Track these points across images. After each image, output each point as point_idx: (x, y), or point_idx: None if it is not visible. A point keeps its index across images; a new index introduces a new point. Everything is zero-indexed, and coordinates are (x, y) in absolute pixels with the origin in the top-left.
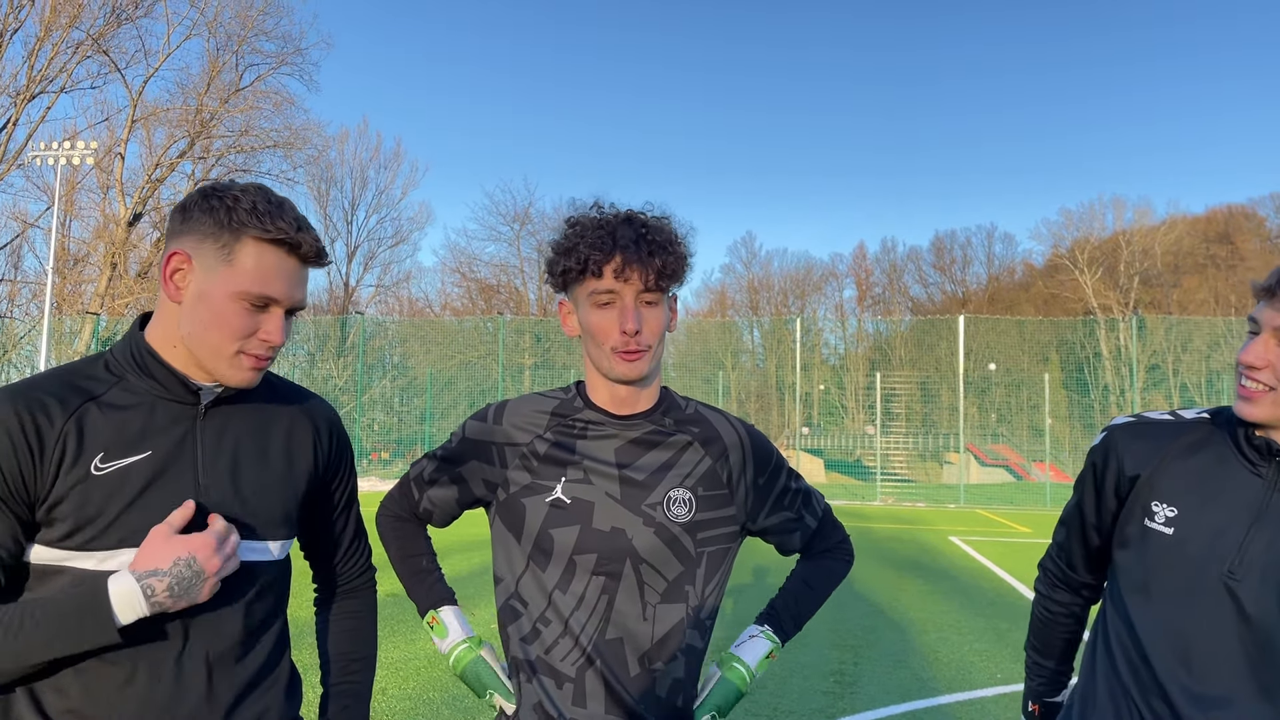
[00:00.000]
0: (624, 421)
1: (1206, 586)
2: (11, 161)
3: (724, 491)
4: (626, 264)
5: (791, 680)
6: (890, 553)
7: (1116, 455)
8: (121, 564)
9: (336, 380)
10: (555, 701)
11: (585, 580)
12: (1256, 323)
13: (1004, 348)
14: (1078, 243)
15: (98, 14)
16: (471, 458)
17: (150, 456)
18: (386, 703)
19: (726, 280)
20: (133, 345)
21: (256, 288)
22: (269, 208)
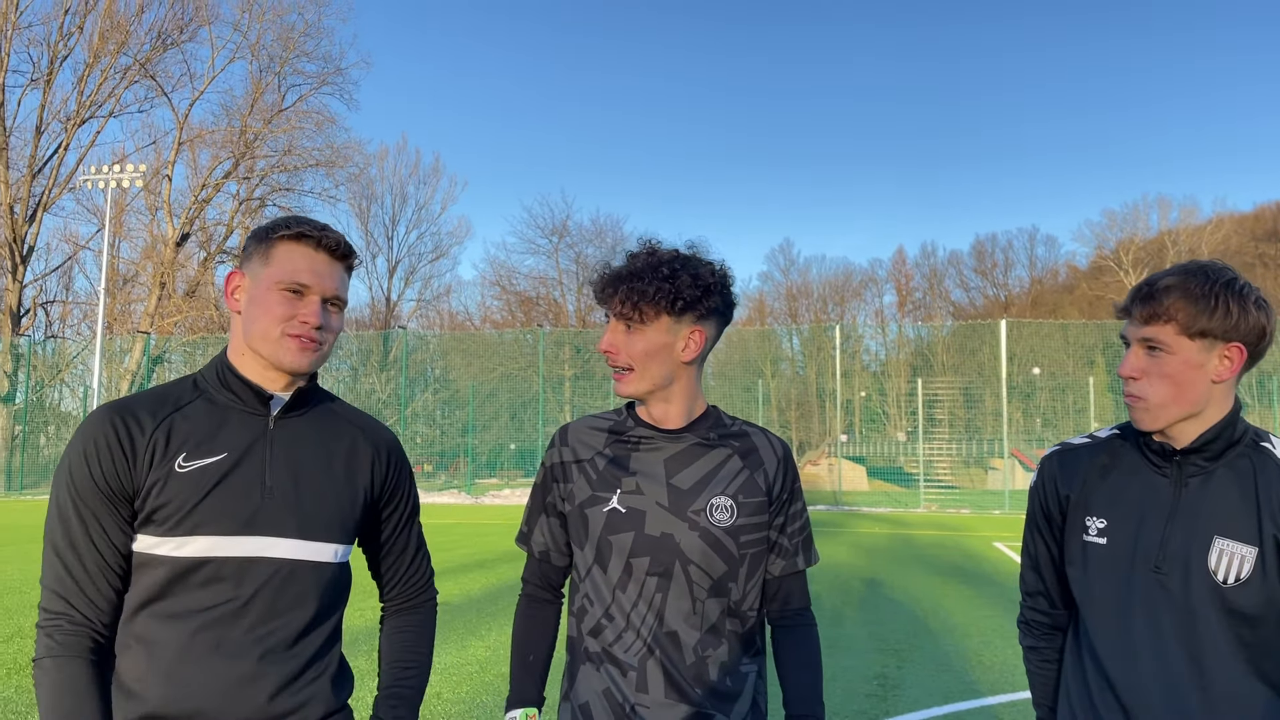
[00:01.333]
0: (671, 435)
1: (1140, 583)
2: (63, 185)
3: (762, 499)
4: (606, 292)
5: (835, 684)
6: (933, 559)
7: (1051, 481)
8: (192, 551)
9: (380, 394)
10: (621, 688)
11: (641, 580)
12: (1126, 339)
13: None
14: (1122, 243)
15: (144, 40)
16: (552, 481)
17: (225, 458)
18: (441, 706)
19: (765, 288)
20: (217, 364)
21: (289, 276)
22: (295, 219)
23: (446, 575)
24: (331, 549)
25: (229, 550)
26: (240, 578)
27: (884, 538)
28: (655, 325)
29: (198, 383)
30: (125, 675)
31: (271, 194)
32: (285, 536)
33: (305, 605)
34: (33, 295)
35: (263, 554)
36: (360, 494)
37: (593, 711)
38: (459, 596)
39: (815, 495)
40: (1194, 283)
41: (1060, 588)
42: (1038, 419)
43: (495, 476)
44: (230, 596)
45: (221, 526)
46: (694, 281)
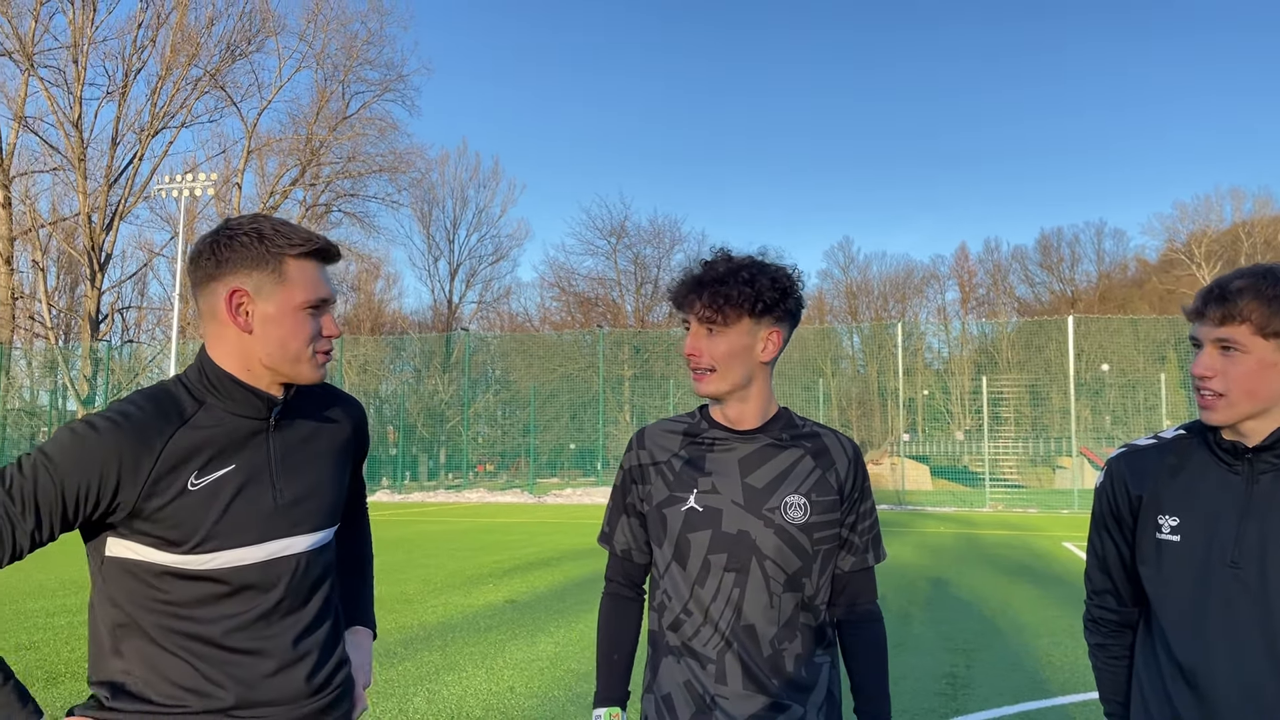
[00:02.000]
0: (745, 436)
1: (1216, 579)
2: (138, 195)
3: (834, 497)
4: (692, 299)
5: (903, 682)
6: (1000, 559)
7: (1121, 482)
8: (218, 564)
9: (442, 395)
10: (701, 679)
11: (719, 576)
12: (1197, 340)
13: (1117, 347)
14: (1194, 236)
15: (214, 51)
16: (632, 483)
17: (235, 469)
18: (514, 700)
19: (824, 286)
20: (207, 372)
21: (313, 296)
22: (288, 229)
23: (514, 573)
24: (331, 531)
25: (252, 558)
26: (265, 582)
27: (949, 537)
28: (737, 327)
29: (191, 391)
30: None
31: (336, 200)
32: (299, 534)
33: (321, 587)
34: (110, 301)
35: (282, 554)
36: (347, 471)
37: (675, 702)
38: (527, 594)
39: (878, 495)
40: (1266, 284)
41: (1129, 586)
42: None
43: (556, 476)
44: (260, 600)
45: (244, 538)
46: (773, 285)
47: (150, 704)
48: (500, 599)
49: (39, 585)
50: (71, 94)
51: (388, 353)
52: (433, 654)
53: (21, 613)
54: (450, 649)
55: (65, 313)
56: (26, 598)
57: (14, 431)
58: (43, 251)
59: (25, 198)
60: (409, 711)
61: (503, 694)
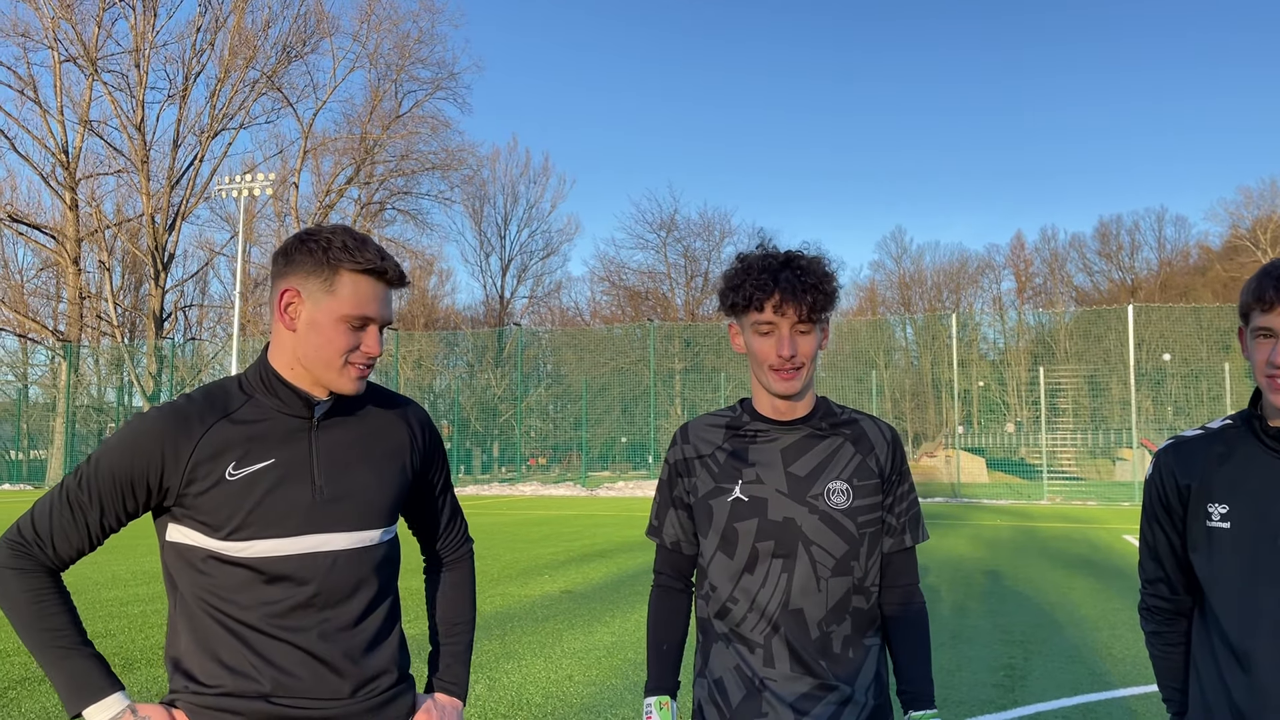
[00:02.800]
0: (786, 426)
1: (1266, 562)
2: (199, 195)
3: (875, 481)
4: (784, 301)
5: (960, 674)
6: (1058, 552)
7: (1170, 473)
8: (255, 553)
9: (495, 390)
10: (750, 663)
11: (767, 563)
12: (1270, 329)
13: (1179, 336)
14: (1259, 222)
15: (270, 53)
16: (678, 477)
17: (274, 463)
18: (572, 688)
19: (876, 277)
20: (261, 369)
21: (357, 310)
22: (356, 244)
23: (569, 565)
24: (379, 533)
25: (289, 550)
26: (300, 575)
27: (1006, 530)
28: (818, 326)
29: (243, 386)
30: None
31: (390, 198)
32: (338, 531)
33: (364, 587)
34: (173, 300)
35: (319, 549)
36: (404, 474)
37: (726, 686)
38: (582, 585)
39: (933, 487)
40: None
41: (1181, 574)
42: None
43: (608, 469)
44: (295, 591)
45: (281, 529)
46: (835, 284)
47: (196, 682)
48: (556, 590)
49: (113, 575)
50: (134, 98)
51: (441, 348)
52: (492, 643)
53: (98, 602)
54: (509, 638)
55: (130, 311)
56: (101, 588)
57: (82, 427)
58: (108, 252)
59: (91, 200)
60: (470, 699)
61: (561, 682)
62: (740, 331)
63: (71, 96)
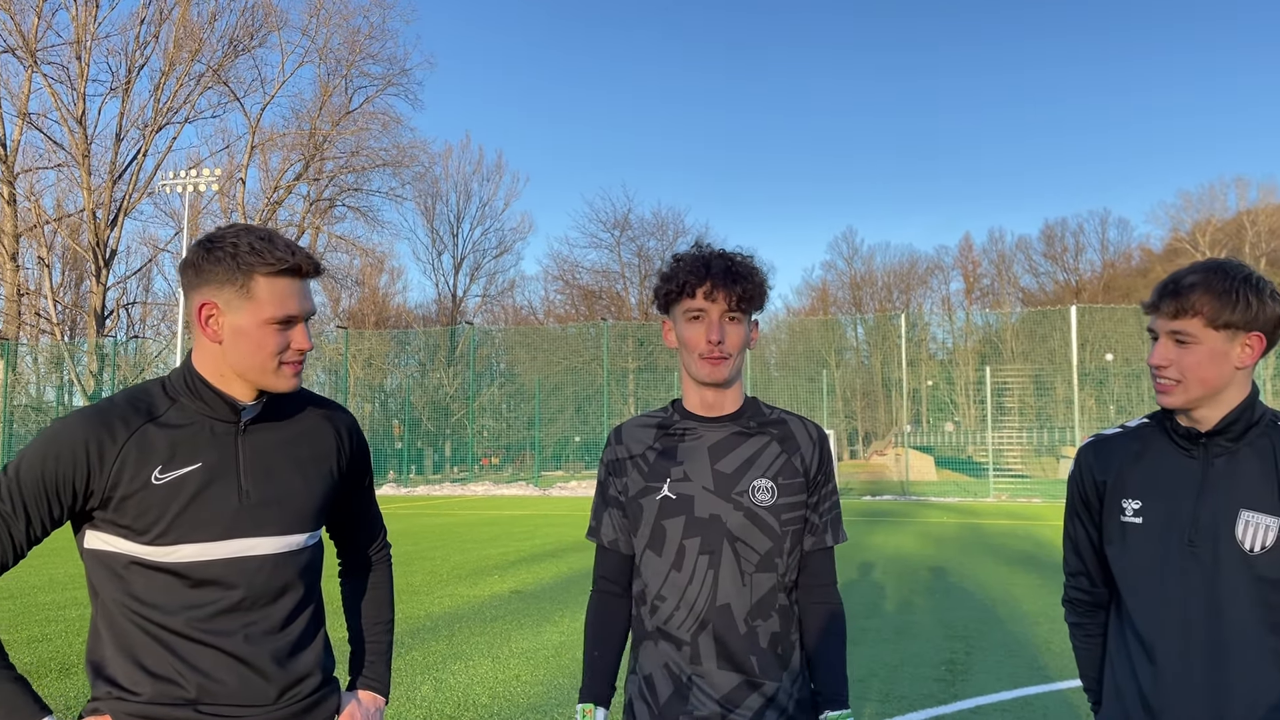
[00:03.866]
0: (714, 423)
1: (1174, 557)
2: (142, 191)
3: (800, 480)
4: (715, 288)
5: (903, 669)
6: (1002, 548)
7: (1089, 469)
8: (180, 558)
9: (447, 389)
10: (677, 661)
11: (694, 560)
12: (1154, 332)
13: (1122, 337)
14: (1198, 225)
15: (217, 47)
16: (611, 477)
17: (200, 468)
18: (520, 688)
19: (828, 277)
20: (186, 373)
21: (280, 312)
22: (264, 245)
23: (519, 565)
24: (304, 537)
25: (215, 554)
26: (227, 579)
27: (953, 527)
28: (747, 318)
29: (167, 390)
30: (145, 660)
31: (340, 194)
32: (265, 535)
33: (290, 591)
34: (115, 297)
35: (245, 554)
36: (330, 479)
37: (655, 682)
38: (532, 585)
39: (883, 485)
40: (1216, 279)
41: (1100, 567)
42: (1111, 406)
43: (561, 469)
44: (220, 596)
45: (205, 534)
46: (764, 279)
47: (120, 688)
48: (506, 590)
49: (50, 579)
50: (75, 90)
51: (392, 347)
52: (439, 644)
53: (34, 606)
54: (457, 639)
55: (71, 309)
56: (38, 591)
57: (20, 428)
58: (48, 248)
59: (30, 194)
60: (416, 700)
61: (509, 682)
62: (673, 325)
63: (10, 89)
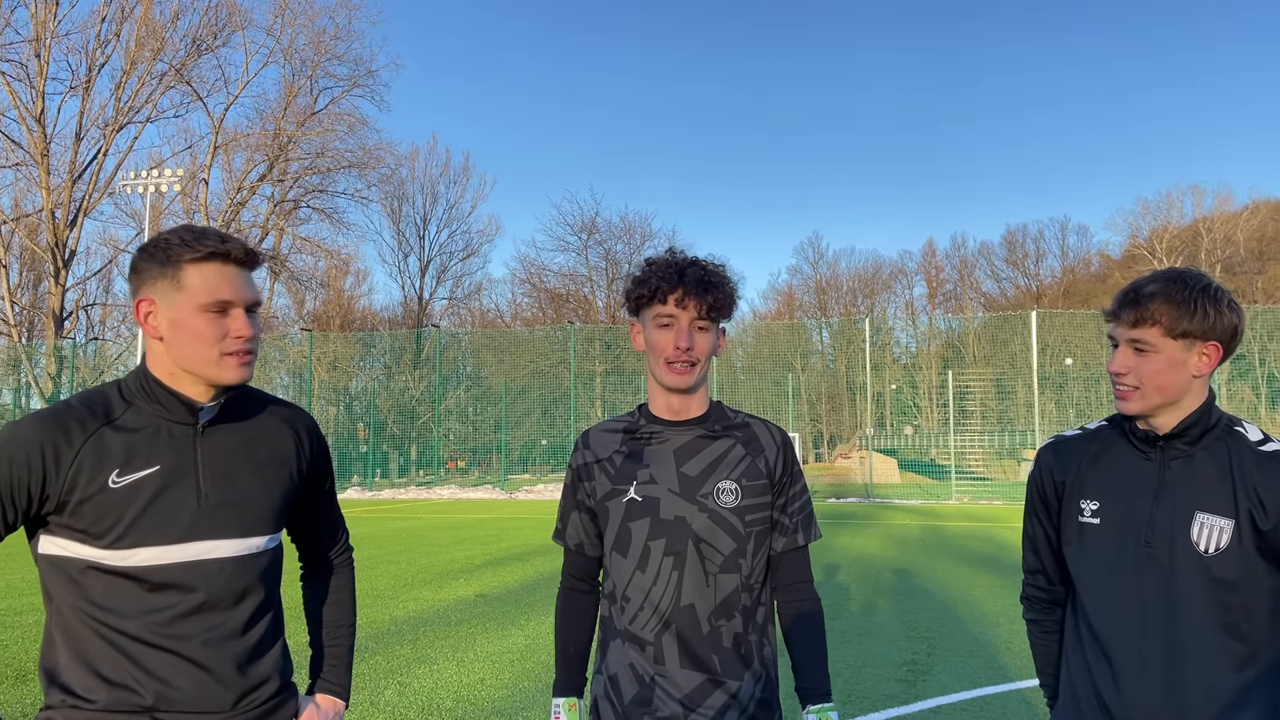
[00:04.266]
0: (680, 427)
1: (1130, 557)
2: (103, 191)
3: (764, 482)
4: (686, 295)
5: (866, 670)
6: (963, 550)
7: (1049, 470)
8: (138, 561)
9: (413, 392)
10: (641, 662)
11: (659, 561)
12: (1114, 339)
13: (1081, 341)
14: (1155, 232)
15: (179, 46)
16: (579, 481)
17: (159, 470)
18: (485, 692)
19: (794, 281)
20: (141, 377)
21: (211, 297)
22: (194, 236)
23: (484, 568)
24: (264, 540)
25: (174, 558)
26: (186, 582)
27: (915, 529)
28: (715, 327)
29: (124, 393)
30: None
31: (305, 196)
32: (224, 538)
33: (250, 595)
34: (75, 298)
35: (205, 556)
36: (290, 481)
37: (620, 682)
38: (498, 588)
39: (846, 488)
40: (1175, 289)
41: (1057, 566)
42: (1071, 410)
43: (528, 472)
44: (179, 599)
45: (164, 536)
46: (734, 289)
47: (74, 695)
48: (471, 593)
49: (5, 584)
50: (34, 88)
51: (358, 349)
52: (404, 648)
53: None
54: (421, 642)
55: (29, 310)
56: None
57: None
58: (5, 248)
59: None
60: (380, 704)
61: (473, 685)
62: (641, 329)
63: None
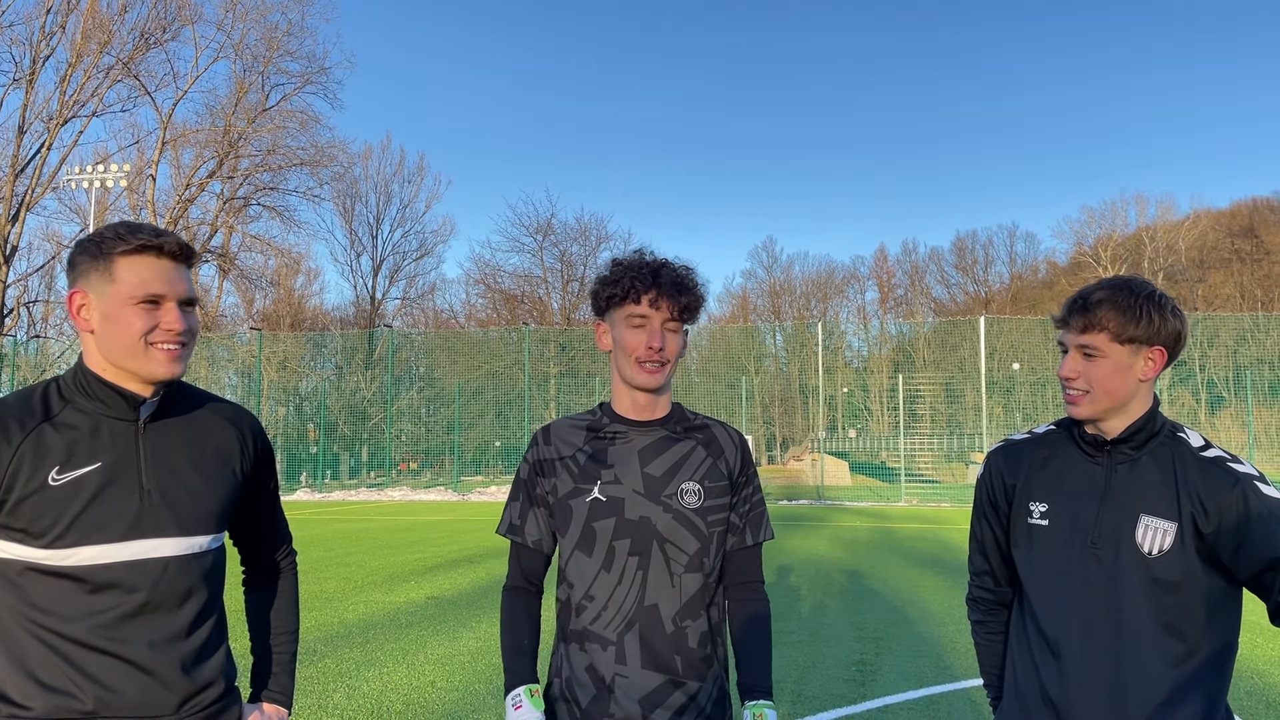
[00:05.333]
0: (643, 427)
1: (1077, 558)
2: (46, 185)
3: (725, 483)
4: (660, 297)
5: (815, 670)
6: (912, 551)
7: (997, 472)
8: (79, 561)
9: (365, 392)
10: (601, 662)
11: (623, 560)
12: (1064, 345)
13: (1028, 346)
14: (1100, 240)
15: (127, 39)
16: (539, 476)
17: (100, 467)
18: (435, 694)
19: (748, 285)
20: (79, 373)
21: (142, 290)
22: (128, 230)
23: (436, 571)
24: (208, 539)
25: (115, 556)
26: (129, 582)
27: (865, 531)
28: (681, 329)
29: (61, 391)
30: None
31: (256, 193)
32: (167, 536)
33: (194, 596)
34: (16, 295)
35: (148, 555)
36: (233, 480)
37: (575, 686)
38: (449, 591)
39: (798, 490)
40: (1121, 296)
41: (1005, 567)
42: (1018, 414)
43: (481, 474)
44: (122, 600)
45: (105, 535)
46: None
47: (11, 703)
48: (422, 596)
49: None
50: None
51: (308, 349)
52: (353, 650)
53: None
54: (371, 645)
55: None
56: None
57: None
58: None
59: None
60: (329, 707)
61: (423, 688)
62: (609, 329)
63: None
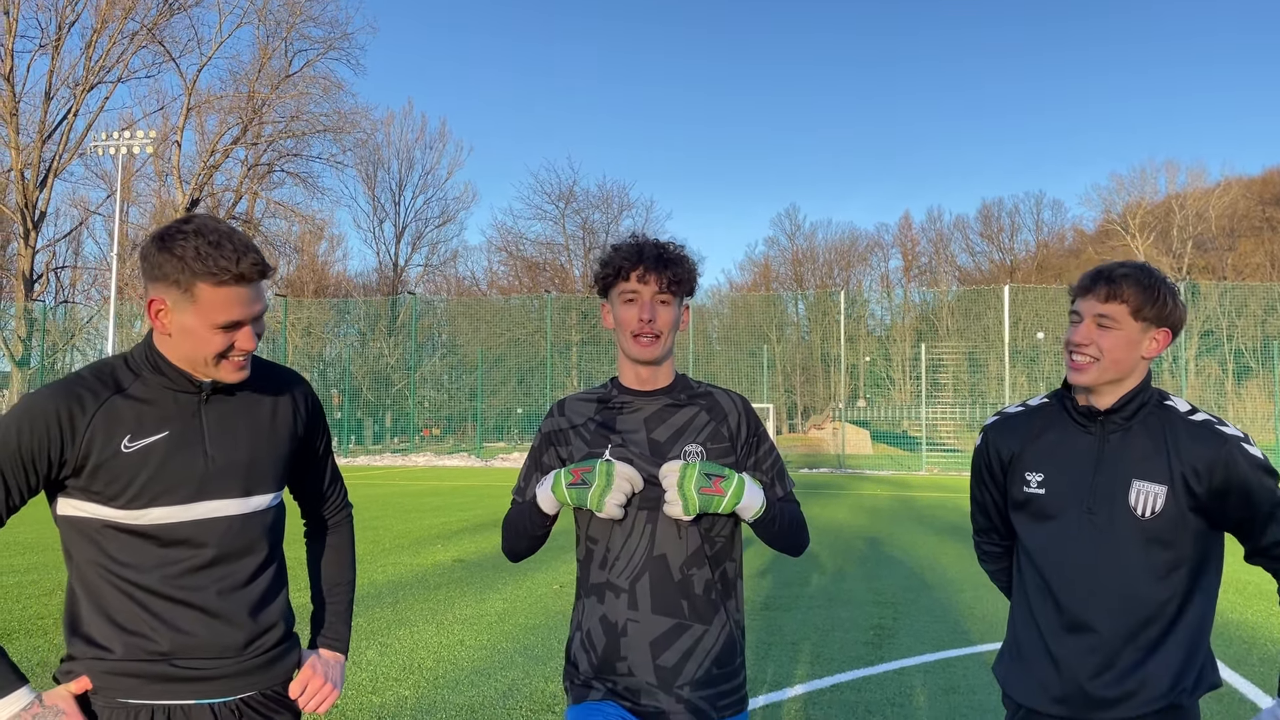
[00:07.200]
0: (648, 396)
1: (1074, 521)
2: (73, 151)
3: (727, 444)
4: (647, 271)
5: (834, 634)
6: (932, 519)
7: (993, 446)
8: (151, 520)
9: (388, 359)
10: (615, 609)
11: (634, 515)
12: (1078, 313)
13: (1053, 316)
14: (1129, 207)
15: (151, 4)
16: (549, 445)
17: (167, 436)
18: (464, 652)
19: (770, 253)
20: (148, 350)
21: (224, 318)
22: (210, 251)
23: (461, 535)
24: (269, 498)
25: (184, 516)
26: (197, 539)
27: (886, 499)
28: (674, 301)
29: (130, 365)
30: (119, 618)
31: (279, 160)
32: (230, 498)
33: (256, 549)
34: (44, 261)
35: (213, 515)
36: (290, 442)
37: (592, 635)
38: (474, 554)
39: (819, 459)
40: (1144, 276)
41: (1005, 525)
42: (1042, 384)
43: (503, 440)
44: (191, 554)
45: (174, 497)
46: (693, 266)
47: (97, 646)
48: (449, 559)
49: None
50: (2, 46)
51: (332, 316)
52: (384, 610)
53: None
54: (400, 605)
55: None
56: None
57: None
58: None
59: None
60: (362, 663)
61: (453, 646)
62: (610, 308)
63: None
